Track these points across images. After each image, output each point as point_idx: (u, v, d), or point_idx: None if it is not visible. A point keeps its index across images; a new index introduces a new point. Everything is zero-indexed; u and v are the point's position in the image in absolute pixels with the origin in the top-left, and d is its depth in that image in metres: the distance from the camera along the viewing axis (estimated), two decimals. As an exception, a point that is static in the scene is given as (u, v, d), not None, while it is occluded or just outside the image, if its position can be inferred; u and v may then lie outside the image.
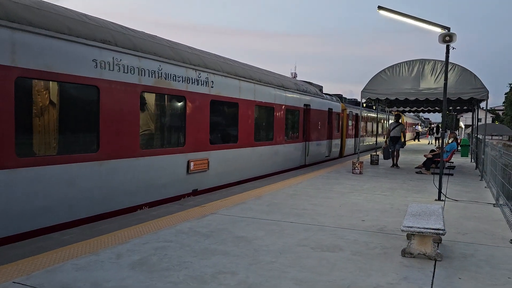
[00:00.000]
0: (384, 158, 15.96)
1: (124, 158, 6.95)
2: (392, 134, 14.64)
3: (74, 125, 6.24)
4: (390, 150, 14.93)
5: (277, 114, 12.63)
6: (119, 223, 5.97)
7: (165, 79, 7.79)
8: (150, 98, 7.71)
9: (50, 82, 5.88)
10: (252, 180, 10.89)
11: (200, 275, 4.02)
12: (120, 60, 6.82)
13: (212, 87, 9.18)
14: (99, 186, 6.52)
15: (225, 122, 10.17)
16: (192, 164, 8.54)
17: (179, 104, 8.40)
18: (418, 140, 42.69)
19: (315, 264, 4.42)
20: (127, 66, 6.97)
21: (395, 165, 14.61)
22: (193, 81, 8.56)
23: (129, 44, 7.06)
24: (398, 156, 14.78)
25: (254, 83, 11.11)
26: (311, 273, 4.15)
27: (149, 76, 7.41)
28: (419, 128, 49.12)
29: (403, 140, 15.06)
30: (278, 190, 9.09)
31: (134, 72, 7.09)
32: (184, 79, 8.29)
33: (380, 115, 28.91)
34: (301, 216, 6.61)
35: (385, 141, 15.72)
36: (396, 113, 16.30)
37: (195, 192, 8.75)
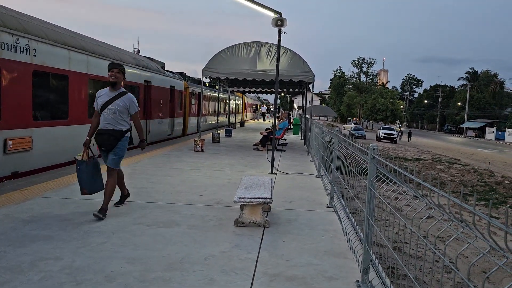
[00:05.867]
0: (85, 192, 5.42)
1: None
2: (102, 125, 5.31)
3: None
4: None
5: (115, 89, 11.88)
6: None
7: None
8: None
9: None
10: (87, 160, 10.10)
11: (16, 265, 3.55)
12: None
13: (34, 55, 8.09)
14: None
15: (53, 96, 9.13)
16: (10, 143, 7.46)
17: (-8, 73, 7.19)
18: (264, 120, 45.70)
19: (150, 241, 4.33)
20: None
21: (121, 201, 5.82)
22: (9, 48, 7.40)
23: None
24: (113, 189, 5.38)
25: (87, 54, 10.20)
26: (145, 250, 4.05)
27: None
28: (264, 108, 52.64)
29: (143, 139, 5.65)
30: (115, 169, 8.62)
31: None
32: (-3, 44, 7.11)
33: (221, 95, 29.82)
34: (138, 195, 6.40)
35: (85, 145, 5.42)
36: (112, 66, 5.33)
37: (16, 175, 7.71)
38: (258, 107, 51.82)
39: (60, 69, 9.04)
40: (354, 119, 78.67)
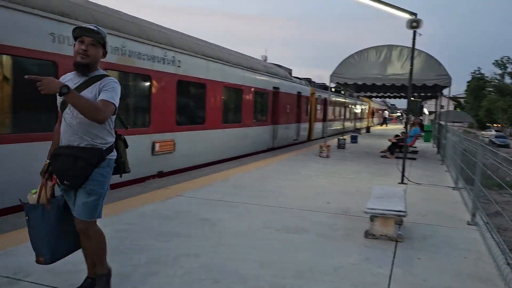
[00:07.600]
0: (41, 260, 2.93)
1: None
2: (63, 139, 2.89)
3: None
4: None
5: (246, 96, 12.52)
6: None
7: (129, 56, 7.52)
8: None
9: None
10: (220, 163, 10.80)
11: (162, 258, 3.93)
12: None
13: (179, 66, 8.94)
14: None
15: (192, 103, 9.97)
16: (157, 145, 8.35)
17: (144, 83, 8.14)
18: (386, 125, 43.88)
19: (280, 246, 4.42)
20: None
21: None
22: (159, 60, 8.30)
23: (91, 19, 6.74)
24: (100, 246, 3.01)
25: (222, 63, 10.92)
26: (275, 255, 4.14)
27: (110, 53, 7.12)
28: (386, 113, 50.44)
29: (67, 88, 2.53)
30: (245, 172, 9.05)
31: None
32: (149, 57, 8.02)
33: (348, 100, 29.26)
34: (267, 198, 6.60)
35: (43, 173, 2.94)
36: None
37: (161, 174, 8.59)
38: (370, 111, 48.62)
39: (199, 78, 9.83)
40: (495, 125, 70.30)
